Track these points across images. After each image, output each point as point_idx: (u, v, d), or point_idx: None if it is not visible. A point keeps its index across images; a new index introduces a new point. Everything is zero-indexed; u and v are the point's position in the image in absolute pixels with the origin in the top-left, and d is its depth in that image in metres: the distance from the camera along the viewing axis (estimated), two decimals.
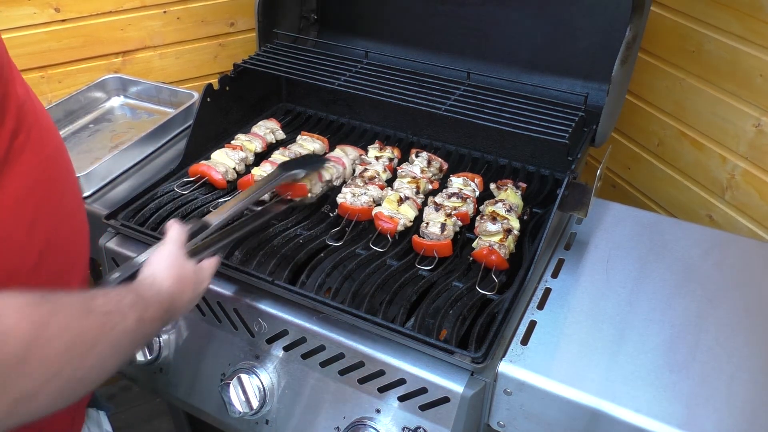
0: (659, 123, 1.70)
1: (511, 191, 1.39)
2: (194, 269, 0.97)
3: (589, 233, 1.34)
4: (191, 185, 1.42)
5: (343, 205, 1.35)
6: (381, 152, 1.54)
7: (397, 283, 1.18)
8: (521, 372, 1.02)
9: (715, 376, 1.02)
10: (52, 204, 0.90)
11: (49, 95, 1.88)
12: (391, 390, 1.07)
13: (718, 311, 1.14)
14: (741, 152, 1.48)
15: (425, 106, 1.39)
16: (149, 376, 1.32)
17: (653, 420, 0.95)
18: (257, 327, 1.18)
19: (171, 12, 1.95)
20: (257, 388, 1.15)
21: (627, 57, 1.28)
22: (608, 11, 1.46)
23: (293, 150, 1.52)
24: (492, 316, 1.11)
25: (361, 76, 1.51)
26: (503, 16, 1.58)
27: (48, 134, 0.90)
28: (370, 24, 1.77)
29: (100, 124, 1.75)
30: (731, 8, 1.42)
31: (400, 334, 1.05)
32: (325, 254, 1.25)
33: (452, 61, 1.62)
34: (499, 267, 1.22)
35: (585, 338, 1.09)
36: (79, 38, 1.86)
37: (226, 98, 1.59)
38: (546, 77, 1.56)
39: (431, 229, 1.27)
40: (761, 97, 1.41)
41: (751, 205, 1.48)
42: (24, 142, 0.82)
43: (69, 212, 0.96)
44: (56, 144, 0.94)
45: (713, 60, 1.50)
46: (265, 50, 1.64)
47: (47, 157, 0.89)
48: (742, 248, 1.31)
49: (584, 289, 1.20)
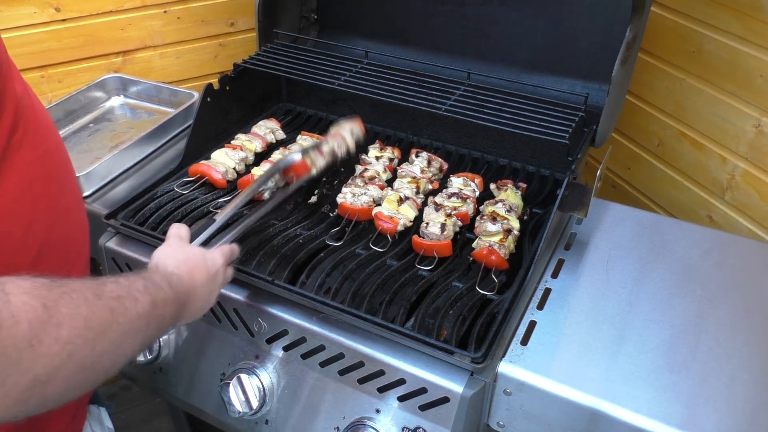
0: (659, 123, 1.70)
1: (511, 191, 1.39)
2: (201, 253, 0.97)
3: (589, 233, 1.34)
4: (191, 185, 1.42)
5: (343, 205, 1.35)
6: (381, 152, 1.54)
7: (397, 283, 1.18)
8: (521, 372, 1.02)
9: (715, 377, 1.02)
10: (50, 200, 0.90)
11: (49, 95, 1.88)
12: (391, 390, 1.07)
13: (718, 311, 1.14)
14: (741, 153, 1.48)
15: (425, 106, 1.39)
16: (149, 376, 1.32)
17: (653, 420, 0.95)
18: (257, 327, 1.18)
19: (171, 12, 1.95)
20: (257, 388, 1.15)
21: (627, 57, 1.28)
22: (608, 11, 1.46)
23: (293, 150, 1.52)
24: (492, 316, 1.11)
25: (361, 76, 1.51)
26: (503, 16, 1.58)
27: (46, 131, 0.90)
28: (370, 24, 1.77)
29: (100, 124, 1.75)
30: (731, 8, 1.42)
31: (400, 334, 1.05)
32: (325, 254, 1.25)
33: (452, 61, 1.62)
34: (499, 267, 1.22)
35: (585, 338, 1.09)
36: (79, 38, 1.86)
37: (226, 98, 1.59)
38: (546, 77, 1.56)
39: (431, 229, 1.27)
40: (761, 97, 1.41)
41: (751, 205, 1.48)
42: (21, 138, 0.82)
43: (68, 209, 0.96)
44: (54, 141, 0.94)
45: (713, 60, 1.50)
46: (265, 50, 1.64)
47: (45, 153, 0.89)
48: (742, 249, 1.31)
49: (584, 289, 1.20)
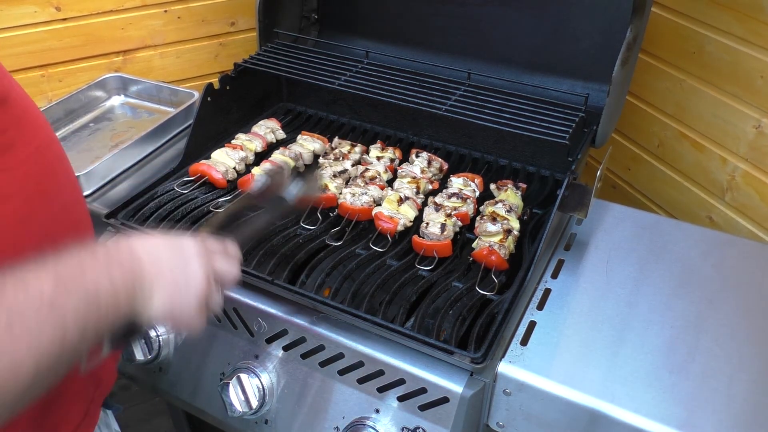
0: (660, 124, 1.70)
1: (511, 192, 1.39)
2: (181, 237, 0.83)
3: (589, 234, 1.34)
4: (191, 184, 1.42)
5: (343, 205, 1.35)
6: (383, 152, 1.54)
7: (396, 283, 1.18)
8: (521, 372, 1.02)
9: (715, 378, 1.02)
10: (47, 197, 0.88)
11: (49, 94, 1.88)
12: (391, 390, 1.07)
13: (717, 312, 1.14)
14: (741, 154, 1.48)
15: (426, 106, 1.39)
16: (148, 376, 1.32)
17: (652, 421, 0.95)
18: (257, 326, 1.18)
19: (171, 11, 1.95)
20: (257, 387, 1.15)
21: (627, 58, 1.27)
22: (609, 12, 1.46)
23: (293, 150, 1.52)
24: (492, 316, 1.11)
25: (361, 76, 1.51)
26: (504, 17, 1.58)
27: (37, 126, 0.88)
28: (371, 24, 1.77)
29: (100, 123, 1.75)
30: (732, 9, 1.42)
31: (400, 334, 1.05)
32: (324, 254, 1.25)
33: (453, 61, 1.62)
34: (498, 267, 1.22)
35: (584, 339, 1.09)
36: (79, 37, 1.86)
37: (227, 98, 1.59)
38: (546, 78, 1.56)
39: (431, 229, 1.27)
40: (762, 98, 1.41)
41: (751, 206, 1.48)
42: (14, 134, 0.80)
43: (67, 204, 0.94)
44: (48, 137, 0.91)
45: (714, 61, 1.50)
46: (265, 50, 1.64)
47: (37, 149, 0.86)
48: (741, 250, 1.31)
49: (584, 289, 1.20)
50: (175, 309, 0.78)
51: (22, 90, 0.88)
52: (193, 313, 0.80)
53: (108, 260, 0.72)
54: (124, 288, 0.71)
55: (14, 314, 0.59)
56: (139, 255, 0.75)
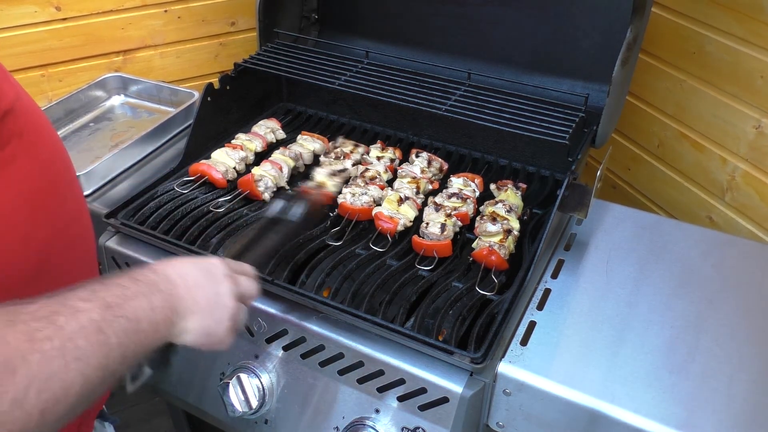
0: (660, 124, 1.70)
1: (511, 192, 1.39)
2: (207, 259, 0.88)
3: (589, 234, 1.34)
4: (191, 184, 1.42)
5: (343, 204, 1.35)
6: (383, 152, 1.54)
7: (396, 283, 1.18)
8: (520, 372, 1.02)
9: (715, 378, 1.02)
10: (50, 211, 0.86)
11: (49, 94, 1.88)
12: (391, 390, 1.07)
13: (717, 313, 1.14)
14: (741, 154, 1.48)
15: (426, 106, 1.39)
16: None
17: (652, 421, 0.95)
18: (257, 326, 1.17)
19: (172, 11, 1.95)
20: (256, 387, 1.15)
21: (628, 58, 1.28)
22: (609, 12, 1.46)
23: (293, 149, 1.52)
24: (491, 316, 1.11)
25: (361, 76, 1.51)
26: (504, 17, 1.58)
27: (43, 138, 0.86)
28: (371, 24, 1.77)
29: (100, 123, 1.75)
30: (732, 10, 1.42)
31: (400, 334, 1.05)
32: (324, 254, 1.25)
33: (453, 61, 1.62)
34: (498, 267, 1.22)
35: (584, 339, 1.09)
36: (79, 37, 1.86)
37: (227, 97, 1.59)
38: (546, 78, 1.56)
39: (431, 229, 1.27)
40: (762, 98, 1.41)
41: (751, 206, 1.48)
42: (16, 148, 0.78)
43: (70, 218, 0.92)
44: (53, 147, 0.89)
45: (714, 61, 1.50)
46: (265, 50, 1.64)
47: (44, 163, 0.85)
48: (741, 250, 1.31)
49: (584, 289, 1.20)
50: (209, 331, 0.84)
51: (31, 100, 0.86)
52: (224, 333, 0.86)
53: (148, 287, 0.76)
54: (163, 314, 0.76)
55: (66, 341, 0.63)
56: (174, 280, 0.80)
